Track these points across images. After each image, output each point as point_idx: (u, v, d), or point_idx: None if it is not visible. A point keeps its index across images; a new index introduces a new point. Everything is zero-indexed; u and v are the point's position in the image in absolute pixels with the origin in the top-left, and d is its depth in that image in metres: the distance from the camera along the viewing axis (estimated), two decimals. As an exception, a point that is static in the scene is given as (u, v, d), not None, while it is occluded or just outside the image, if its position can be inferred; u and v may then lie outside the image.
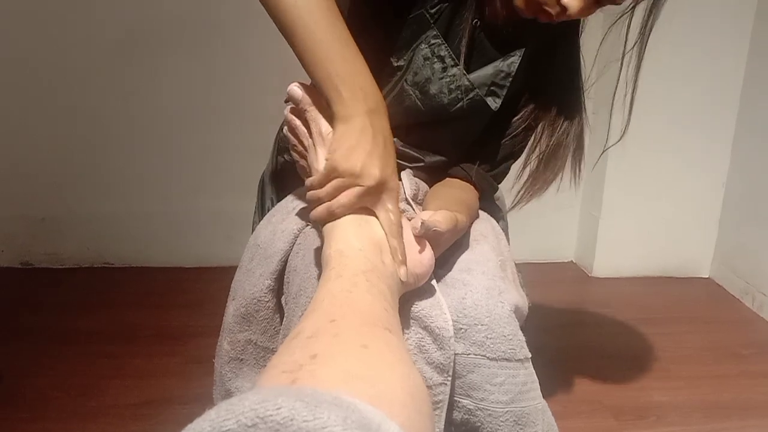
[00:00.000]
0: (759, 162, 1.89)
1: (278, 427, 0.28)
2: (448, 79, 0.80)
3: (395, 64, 0.80)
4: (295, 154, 0.72)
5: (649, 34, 0.80)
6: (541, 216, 1.93)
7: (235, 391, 0.79)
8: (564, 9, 0.71)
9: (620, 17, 0.79)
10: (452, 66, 0.79)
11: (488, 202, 0.96)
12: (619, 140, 0.92)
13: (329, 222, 0.63)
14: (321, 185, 0.63)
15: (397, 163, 0.86)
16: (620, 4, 0.74)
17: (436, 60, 0.79)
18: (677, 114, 1.94)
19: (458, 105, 0.81)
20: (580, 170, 0.92)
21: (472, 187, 0.88)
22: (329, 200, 0.62)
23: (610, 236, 2.07)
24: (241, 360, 0.79)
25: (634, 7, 0.76)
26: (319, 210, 0.63)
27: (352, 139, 0.62)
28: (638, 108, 0.88)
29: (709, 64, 1.90)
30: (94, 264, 2.02)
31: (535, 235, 2.12)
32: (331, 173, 0.62)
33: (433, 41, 0.78)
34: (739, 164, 1.99)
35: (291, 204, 0.83)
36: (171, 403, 1.29)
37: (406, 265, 0.61)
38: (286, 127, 0.72)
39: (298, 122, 0.69)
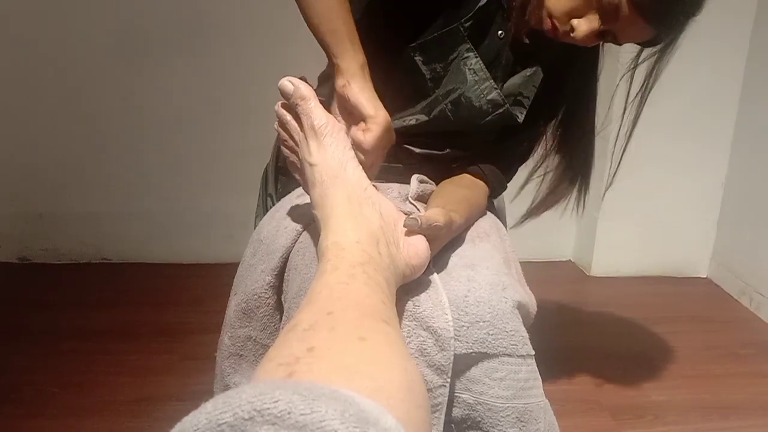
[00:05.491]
0: (758, 163, 1.89)
1: (275, 420, 0.28)
2: (479, 92, 0.82)
3: (428, 77, 0.83)
4: (285, 150, 0.71)
5: (649, 91, 0.86)
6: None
7: (234, 387, 0.78)
8: (571, 29, 0.76)
9: (631, 69, 0.84)
10: (484, 80, 0.82)
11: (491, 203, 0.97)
12: (607, 188, 1.00)
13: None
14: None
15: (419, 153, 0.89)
16: (620, 44, 0.79)
17: (469, 73, 0.81)
18: (676, 114, 1.94)
19: (487, 118, 0.84)
20: (584, 201, 0.96)
21: (482, 184, 0.89)
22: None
23: (609, 235, 2.07)
24: (241, 356, 0.78)
25: (637, 61, 0.83)
26: None
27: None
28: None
29: (708, 64, 1.90)
30: (91, 260, 2.02)
31: (533, 234, 2.11)
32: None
33: (466, 54, 0.81)
34: (737, 165, 1.99)
35: (296, 200, 0.82)
36: (168, 400, 1.29)
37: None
38: (276, 123, 0.71)
39: (288, 117, 0.68)
